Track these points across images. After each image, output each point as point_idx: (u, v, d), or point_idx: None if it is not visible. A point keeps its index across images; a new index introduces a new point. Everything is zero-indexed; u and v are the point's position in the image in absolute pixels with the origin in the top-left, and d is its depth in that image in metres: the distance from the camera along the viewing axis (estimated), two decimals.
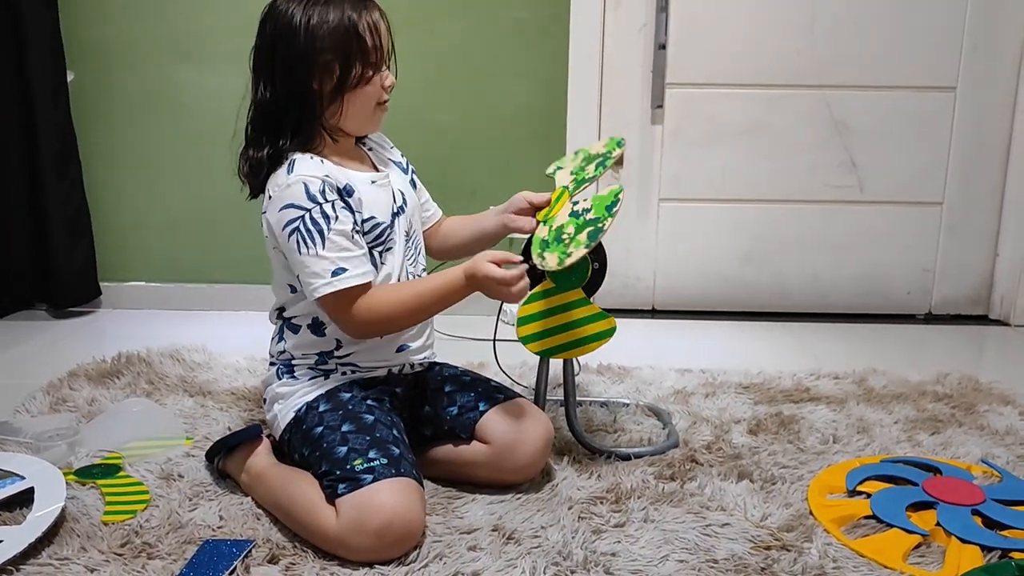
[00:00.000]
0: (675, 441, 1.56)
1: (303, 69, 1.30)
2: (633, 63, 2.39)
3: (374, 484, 1.18)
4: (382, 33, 1.33)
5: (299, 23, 1.29)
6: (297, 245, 1.27)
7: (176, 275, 2.52)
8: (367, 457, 1.22)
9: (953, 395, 1.80)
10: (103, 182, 2.46)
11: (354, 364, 1.39)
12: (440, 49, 2.37)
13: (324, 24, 1.28)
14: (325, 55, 1.29)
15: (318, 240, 1.27)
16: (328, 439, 1.27)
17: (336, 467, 1.22)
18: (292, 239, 1.27)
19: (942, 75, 2.37)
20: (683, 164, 2.44)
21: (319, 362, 1.39)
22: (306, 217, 1.27)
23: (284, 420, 1.37)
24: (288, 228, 1.28)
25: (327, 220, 1.27)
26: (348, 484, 1.19)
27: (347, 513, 1.17)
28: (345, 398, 1.34)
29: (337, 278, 1.27)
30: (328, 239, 1.27)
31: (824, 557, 1.19)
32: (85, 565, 1.15)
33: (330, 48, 1.29)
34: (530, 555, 1.19)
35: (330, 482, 1.22)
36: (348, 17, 1.30)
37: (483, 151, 2.41)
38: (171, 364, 1.93)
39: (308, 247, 1.27)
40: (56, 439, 1.51)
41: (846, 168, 2.43)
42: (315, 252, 1.27)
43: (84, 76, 2.40)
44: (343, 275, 1.27)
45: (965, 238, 2.47)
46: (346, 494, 1.18)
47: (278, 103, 1.32)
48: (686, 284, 2.52)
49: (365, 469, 1.20)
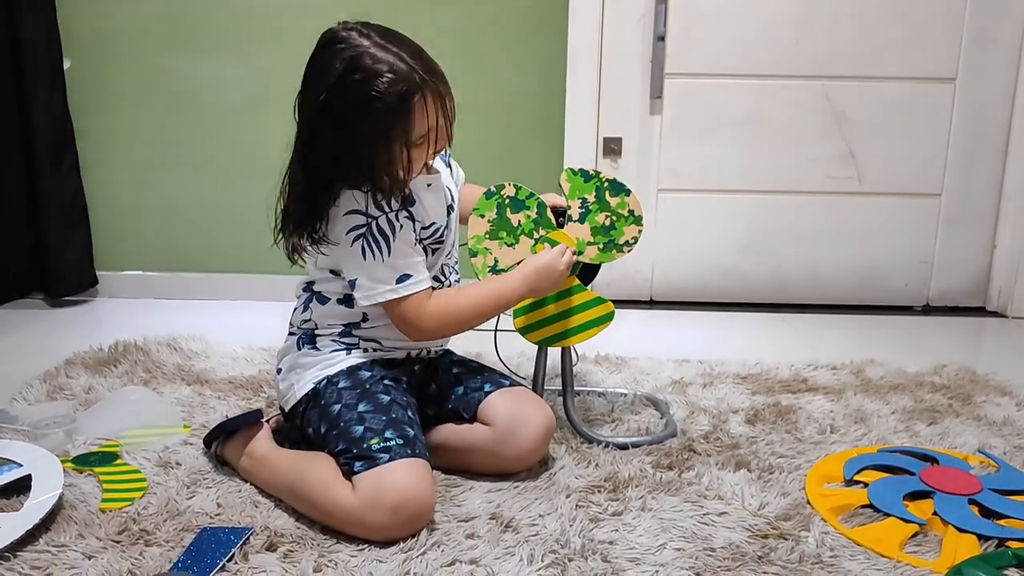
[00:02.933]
0: (673, 431, 1.56)
1: (381, 145, 1.25)
2: (632, 53, 2.38)
3: (390, 463, 1.20)
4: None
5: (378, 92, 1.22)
6: (363, 251, 1.29)
7: (173, 264, 2.52)
8: (383, 437, 1.24)
9: (950, 386, 1.81)
10: (100, 170, 2.45)
11: (377, 341, 1.40)
12: (439, 38, 2.33)
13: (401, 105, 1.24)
14: (410, 134, 1.27)
15: (384, 248, 1.29)
16: (345, 418, 1.28)
17: (353, 446, 1.24)
18: (357, 244, 1.29)
19: (941, 67, 2.37)
20: (682, 155, 2.44)
21: (343, 333, 1.39)
22: (373, 225, 1.29)
23: (301, 390, 1.37)
24: (353, 233, 1.29)
25: (392, 229, 1.29)
26: (365, 462, 1.21)
27: (364, 490, 1.19)
28: (364, 376, 1.35)
29: (402, 284, 1.30)
30: (394, 247, 1.29)
31: (821, 546, 1.20)
32: (82, 552, 1.15)
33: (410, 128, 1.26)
34: (528, 543, 1.19)
35: (347, 460, 1.23)
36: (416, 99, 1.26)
37: (482, 141, 2.40)
38: (168, 353, 1.93)
39: (375, 254, 1.29)
40: (53, 427, 1.50)
41: (845, 159, 2.42)
42: (381, 259, 1.29)
43: (81, 64, 2.39)
44: (408, 281, 1.30)
45: (963, 230, 2.47)
46: (363, 471, 1.20)
47: (336, 176, 1.29)
48: (684, 275, 2.52)
49: (382, 448, 1.22)
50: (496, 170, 2.42)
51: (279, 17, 2.35)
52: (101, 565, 1.12)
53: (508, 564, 1.14)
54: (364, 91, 1.22)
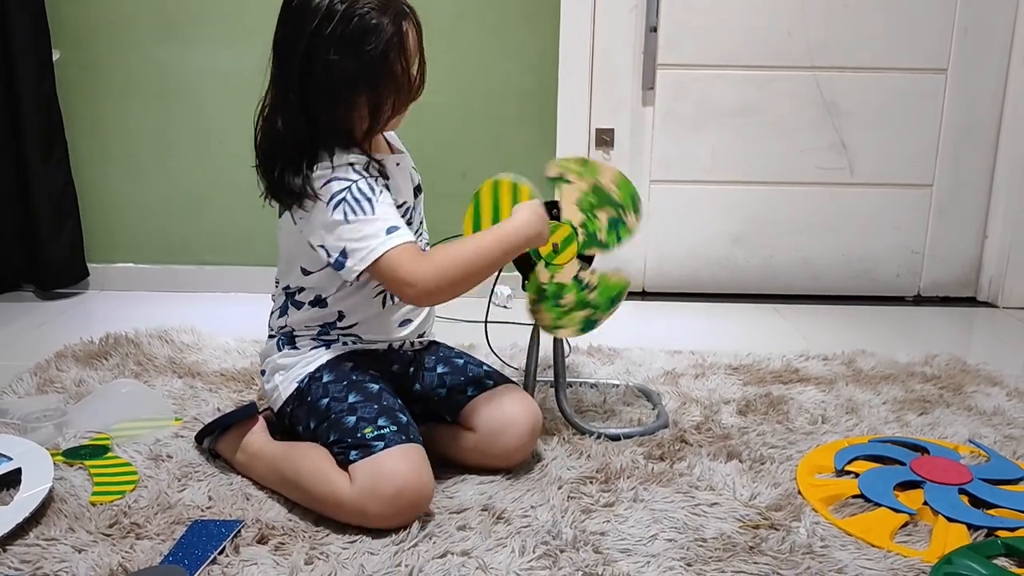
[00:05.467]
0: (665, 421, 1.56)
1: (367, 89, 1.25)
2: (624, 44, 2.38)
3: (385, 451, 1.19)
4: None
5: (366, 29, 1.23)
6: (345, 214, 1.23)
7: (164, 256, 2.51)
8: (377, 424, 1.23)
9: (941, 376, 1.81)
10: (90, 162, 2.44)
11: (356, 335, 1.39)
12: (431, 29, 2.33)
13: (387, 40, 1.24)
14: (392, 68, 1.26)
15: (366, 206, 1.24)
16: (336, 410, 1.27)
17: (347, 435, 1.23)
18: (339, 209, 1.24)
19: (933, 57, 2.37)
20: (674, 146, 2.44)
21: (321, 332, 1.38)
22: (353, 188, 1.24)
23: (286, 391, 1.36)
24: (334, 200, 1.24)
25: (373, 191, 1.25)
26: (360, 451, 1.20)
27: (361, 479, 1.18)
28: (348, 367, 1.34)
29: (392, 235, 1.23)
30: (376, 204, 1.24)
31: (812, 536, 1.20)
32: (72, 545, 1.15)
33: (393, 62, 1.26)
34: (520, 534, 1.19)
35: (341, 450, 1.22)
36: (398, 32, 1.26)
37: (474, 132, 2.40)
38: (160, 345, 1.93)
39: (357, 213, 1.23)
40: (43, 420, 1.50)
41: (836, 150, 2.43)
42: (365, 217, 1.23)
43: (70, 55, 2.38)
44: (397, 232, 1.24)
45: (954, 220, 2.48)
46: (359, 460, 1.19)
47: (320, 123, 1.26)
48: (677, 266, 2.52)
49: (376, 436, 1.21)
50: (488, 161, 2.43)
51: (271, 8, 2.33)
52: (91, 558, 1.12)
53: (500, 556, 1.14)
54: (354, 12, 1.22)
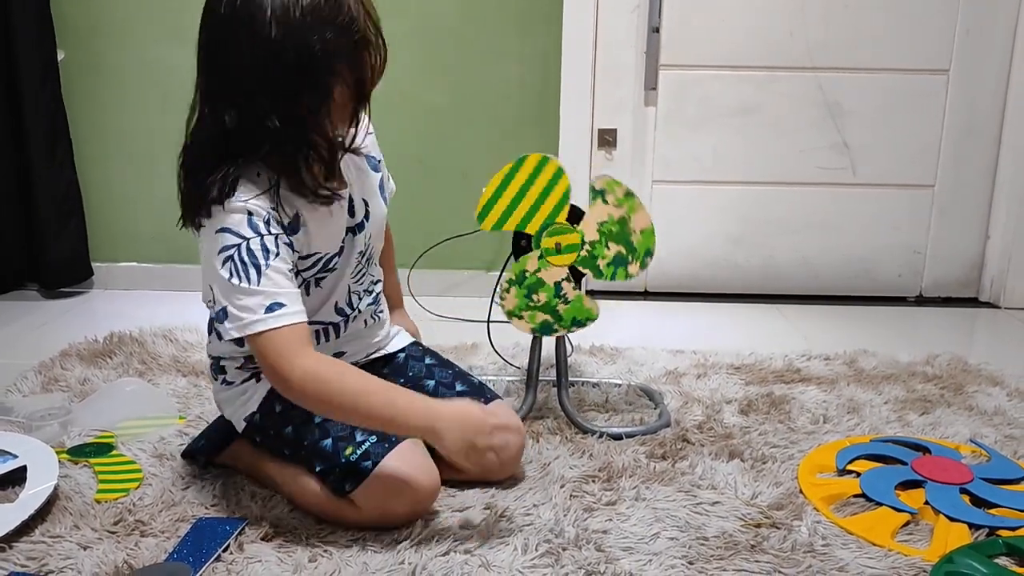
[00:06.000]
0: (666, 421, 1.57)
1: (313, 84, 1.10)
2: (627, 45, 2.38)
3: (377, 468, 1.16)
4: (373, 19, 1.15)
5: (290, 15, 1.07)
6: (231, 274, 1.11)
7: (168, 255, 2.51)
8: (355, 441, 1.19)
9: (943, 376, 1.82)
10: (94, 162, 2.45)
11: None
12: (433, 30, 2.35)
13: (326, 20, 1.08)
14: (338, 61, 1.11)
15: (252, 274, 1.10)
16: (307, 437, 1.22)
17: (330, 462, 1.19)
18: (225, 267, 1.11)
19: (935, 58, 2.37)
20: (676, 146, 2.44)
21: (244, 366, 1.30)
22: (242, 247, 1.11)
23: (240, 427, 1.31)
24: (223, 255, 1.11)
25: (266, 254, 1.12)
26: (351, 480, 1.17)
27: (367, 507, 1.17)
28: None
29: (272, 314, 1.10)
30: (264, 274, 1.11)
31: (813, 535, 1.20)
32: (78, 543, 1.15)
33: (343, 54, 1.11)
34: (522, 533, 1.19)
35: (333, 481, 1.19)
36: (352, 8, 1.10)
37: (476, 133, 2.40)
38: (164, 344, 1.93)
39: (241, 279, 1.10)
40: (48, 418, 1.50)
41: (838, 150, 2.43)
42: (248, 287, 1.10)
43: (75, 55, 2.38)
44: (280, 311, 1.11)
45: (956, 221, 2.48)
46: (355, 490, 1.17)
47: (256, 123, 1.11)
48: (678, 266, 2.52)
49: (361, 455, 1.17)
50: (489, 162, 2.42)
51: None
52: (96, 556, 1.12)
53: (502, 554, 1.14)
54: (307, 5, 1.08)
